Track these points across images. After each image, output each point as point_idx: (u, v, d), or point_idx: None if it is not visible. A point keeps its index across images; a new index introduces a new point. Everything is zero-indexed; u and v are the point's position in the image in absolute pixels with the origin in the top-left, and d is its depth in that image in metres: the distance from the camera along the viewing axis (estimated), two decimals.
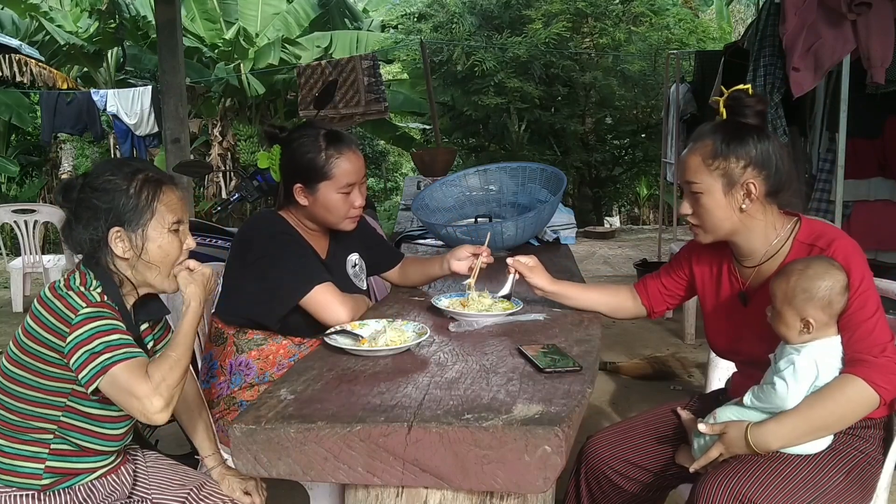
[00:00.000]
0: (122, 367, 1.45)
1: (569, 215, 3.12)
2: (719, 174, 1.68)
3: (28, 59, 9.43)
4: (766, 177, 1.68)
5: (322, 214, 2.09)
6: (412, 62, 10.94)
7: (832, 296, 1.56)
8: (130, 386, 1.44)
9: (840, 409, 1.55)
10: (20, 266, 5.65)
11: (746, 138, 1.68)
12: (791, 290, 1.58)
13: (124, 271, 1.63)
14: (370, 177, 14.76)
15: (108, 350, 1.46)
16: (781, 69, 4.27)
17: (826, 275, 1.56)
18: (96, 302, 1.53)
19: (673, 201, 7.62)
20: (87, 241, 1.59)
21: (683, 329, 4.58)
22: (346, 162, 2.04)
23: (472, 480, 1.27)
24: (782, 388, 1.57)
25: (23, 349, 1.53)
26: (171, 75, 6.68)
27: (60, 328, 1.49)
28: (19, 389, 1.54)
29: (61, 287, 1.55)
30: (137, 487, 1.76)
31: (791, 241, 1.72)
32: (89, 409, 1.57)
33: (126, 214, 1.59)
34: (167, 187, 1.64)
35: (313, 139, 2.04)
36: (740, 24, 12.84)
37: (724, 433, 1.63)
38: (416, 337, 1.72)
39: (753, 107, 1.70)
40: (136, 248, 1.60)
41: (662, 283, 1.99)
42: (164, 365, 1.48)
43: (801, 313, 1.57)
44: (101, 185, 1.60)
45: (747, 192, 1.67)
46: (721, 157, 1.67)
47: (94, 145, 11.82)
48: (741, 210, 1.69)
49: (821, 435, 1.60)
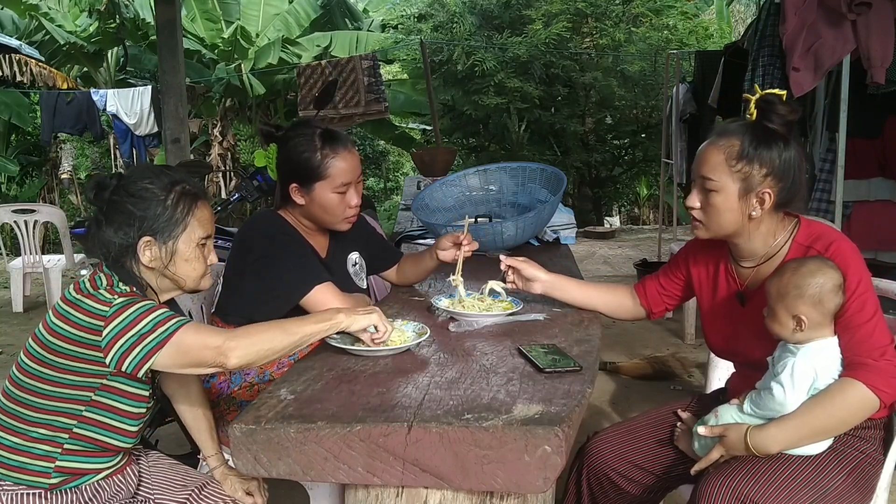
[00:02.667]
0: (187, 329, 1.49)
1: (569, 215, 3.13)
2: (740, 177, 1.64)
3: (28, 59, 9.42)
4: (781, 188, 1.65)
5: (318, 214, 2.09)
6: (412, 62, 10.94)
7: (823, 293, 1.55)
8: (203, 340, 1.49)
9: (840, 412, 1.54)
10: (20, 266, 5.65)
11: (773, 146, 1.64)
12: (784, 287, 1.58)
13: (148, 278, 1.63)
14: (370, 177, 14.77)
15: (159, 325, 1.48)
16: (781, 69, 4.27)
17: (818, 272, 1.56)
18: (127, 293, 1.55)
19: (673, 201, 7.61)
20: (116, 244, 1.58)
21: (683, 329, 4.58)
22: (341, 161, 2.04)
23: (472, 480, 1.27)
24: (780, 394, 1.57)
25: (48, 348, 1.52)
26: (171, 75, 6.68)
27: (94, 324, 1.49)
28: (41, 386, 1.54)
29: (87, 287, 1.55)
30: (141, 487, 1.76)
31: (790, 243, 1.71)
32: (115, 403, 1.57)
33: (159, 224, 1.59)
34: (202, 202, 1.66)
35: (309, 138, 2.04)
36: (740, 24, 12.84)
37: (724, 436, 1.63)
38: (416, 337, 1.73)
39: (784, 115, 1.65)
40: (163, 258, 1.61)
41: (661, 283, 1.98)
42: (255, 325, 1.55)
43: (793, 310, 1.57)
44: (138, 192, 1.59)
45: (761, 200, 1.65)
46: (745, 161, 1.64)
47: (93, 145, 11.83)
48: (750, 217, 1.67)
49: (821, 438, 1.60)
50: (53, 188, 11.37)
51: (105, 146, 11.45)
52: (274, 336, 1.53)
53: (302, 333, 1.55)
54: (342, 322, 1.59)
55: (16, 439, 1.57)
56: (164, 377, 1.88)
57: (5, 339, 5.06)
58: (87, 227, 1.63)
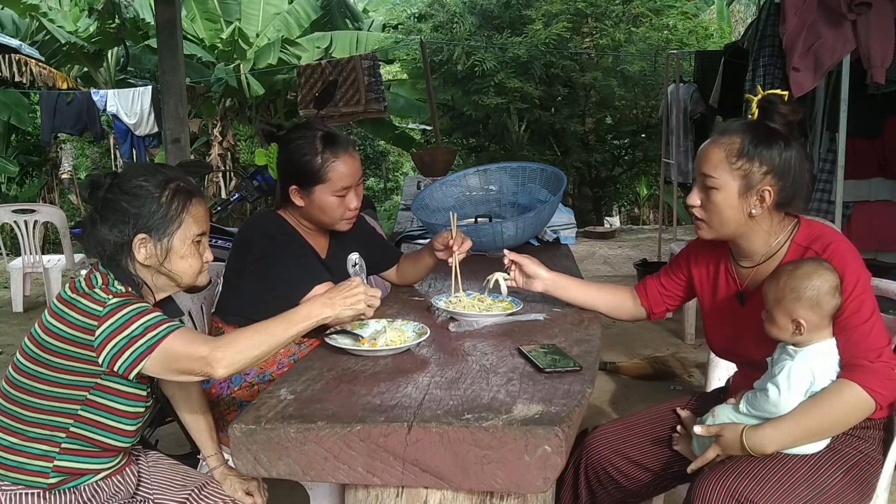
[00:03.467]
0: (175, 337, 1.48)
1: (569, 215, 3.13)
2: (740, 175, 1.65)
3: (28, 59, 9.42)
4: (781, 187, 1.66)
5: (317, 216, 2.09)
6: (412, 62, 10.94)
7: (820, 296, 1.55)
8: (190, 349, 1.48)
9: (836, 414, 1.54)
10: (20, 266, 5.65)
11: (773, 144, 1.65)
12: (781, 291, 1.58)
13: (143, 276, 1.63)
14: (370, 177, 14.77)
15: (150, 329, 1.48)
16: (781, 69, 4.27)
17: (814, 274, 1.56)
18: (122, 293, 1.55)
19: (673, 201, 7.61)
20: (111, 242, 1.59)
21: (683, 329, 4.58)
22: (342, 165, 2.03)
23: (472, 480, 1.27)
24: (775, 395, 1.57)
25: (43, 347, 1.53)
26: (171, 75, 6.68)
27: (88, 323, 1.49)
28: (36, 385, 1.54)
29: (83, 286, 1.55)
30: (140, 488, 1.76)
31: (789, 243, 1.71)
32: (111, 402, 1.57)
33: (154, 222, 1.59)
34: (197, 199, 1.66)
35: (310, 141, 2.03)
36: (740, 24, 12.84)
37: (720, 435, 1.63)
38: (416, 337, 1.73)
39: (786, 115, 1.66)
40: (158, 256, 1.61)
41: (662, 283, 1.98)
42: (240, 331, 1.54)
43: (791, 314, 1.57)
44: (133, 189, 1.59)
45: (761, 198, 1.66)
46: (745, 158, 1.65)
47: (93, 145, 11.82)
48: (750, 215, 1.67)
49: (816, 439, 1.60)
50: (53, 188, 11.37)
51: (105, 146, 11.45)
52: (261, 341, 1.52)
53: (287, 335, 1.55)
54: (328, 318, 1.59)
55: (13, 439, 1.57)
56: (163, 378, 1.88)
57: (5, 339, 5.06)
58: (83, 227, 1.63)
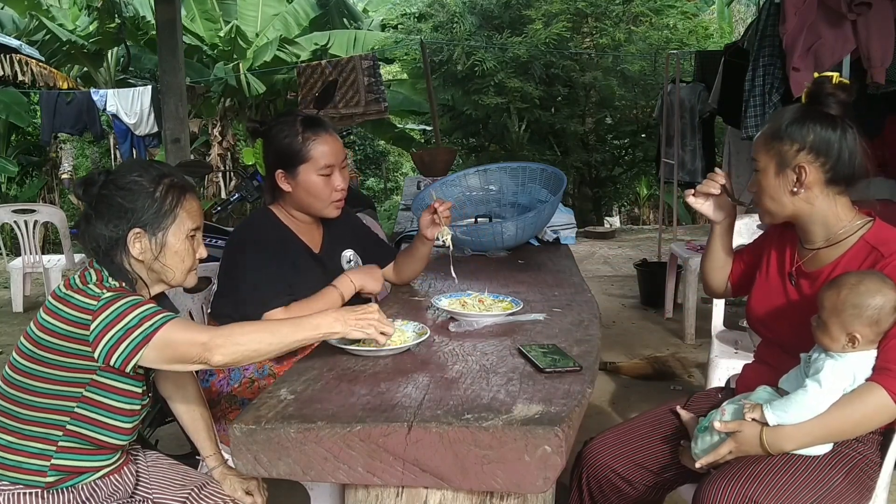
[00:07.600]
0: (172, 325, 1.49)
1: (569, 215, 3.12)
2: (774, 154, 1.71)
3: (28, 59, 9.42)
4: (822, 163, 1.67)
5: (306, 200, 2.12)
6: (412, 62, 10.94)
7: (882, 315, 1.53)
8: (189, 336, 1.49)
9: (858, 416, 1.53)
10: (20, 266, 5.65)
11: (807, 123, 1.68)
12: (841, 304, 1.55)
13: (138, 271, 1.64)
14: (370, 177, 14.78)
15: (145, 320, 1.49)
16: (781, 69, 4.26)
17: (878, 293, 1.53)
18: (116, 288, 1.56)
19: (673, 201, 7.61)
20: (106, 238, 1.60)
21: (683, 329, 4.58)
22: (323, 144, 2.08)
23: (472, 480, 1.27)
24: (815, 390, 1.54)
25: (38, 344, 1.53)
26: (171, 75, 6.68)
27: (82, 318, 1.50)
28: (32, 383, 1.54)
29: (77, 283, 1.56)
30: (139, 487, 1.76)
31: (857, 238, 1.70)
32: (106, 399, 1.58)
33: (148, 216, 1.61)
34: (190, 194, 1.67)
35: (290, 124, 2.09)
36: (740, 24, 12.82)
37: (738, 431, 1.61)
38: (416, 337, 1.73)
39: (835, 95, 1.69)
40: (153, 250, 1.62)
41: (743, 261, 1.99)
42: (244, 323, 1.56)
43: (848, 328, 1.54)
44: (127, 185, 1.61)
45: (797, 175, 1.68)
46: (777, 139, 1.70)
47: (93, 145, 11.83)
48: (792, 193, 1.69)
49: (836, 440, 1.59)
50: (53, 188, 11.38)
51: (105, 146, 11.46)
52: (262, 338, 1.53)
53: (292, 339, 1.55)
54: (337, 332, 1.58)
55: (10, 438, 1.57)
56: (161, 378, 1.88)
57: (5, 339, 5.06)
58: (78, 224, 1.64)
